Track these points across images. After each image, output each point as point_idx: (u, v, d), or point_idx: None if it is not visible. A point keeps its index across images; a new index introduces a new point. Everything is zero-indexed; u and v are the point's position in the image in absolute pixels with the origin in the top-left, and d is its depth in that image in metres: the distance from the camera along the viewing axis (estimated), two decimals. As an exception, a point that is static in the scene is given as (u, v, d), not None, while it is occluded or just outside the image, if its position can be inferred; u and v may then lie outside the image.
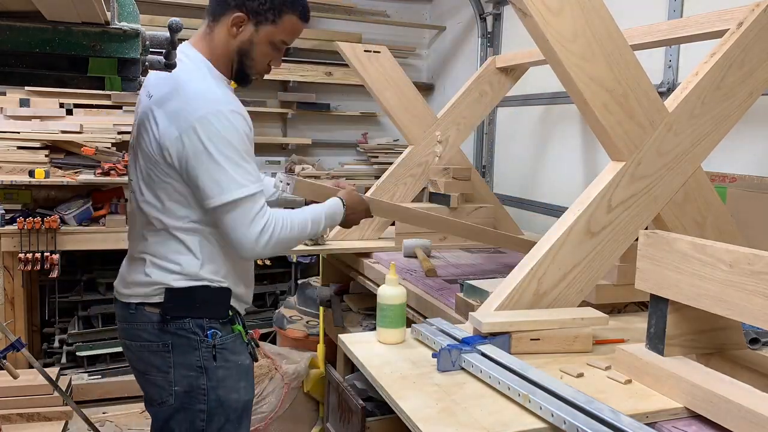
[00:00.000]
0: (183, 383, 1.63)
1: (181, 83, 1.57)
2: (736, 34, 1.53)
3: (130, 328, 1.68)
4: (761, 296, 1.06)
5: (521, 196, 3.55)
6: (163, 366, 1.64)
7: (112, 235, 3.41)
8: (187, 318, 1.62)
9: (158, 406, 1.67)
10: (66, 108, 3.72)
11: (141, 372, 1.70)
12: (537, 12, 1.36)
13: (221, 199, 1.52)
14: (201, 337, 1.63)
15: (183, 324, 1.62)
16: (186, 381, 1.63)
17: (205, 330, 1.63)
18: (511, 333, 1.38)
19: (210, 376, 1.63)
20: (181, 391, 1.64)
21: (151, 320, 1.64)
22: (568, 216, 1.52)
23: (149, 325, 1.64)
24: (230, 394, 1.67)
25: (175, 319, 1.62)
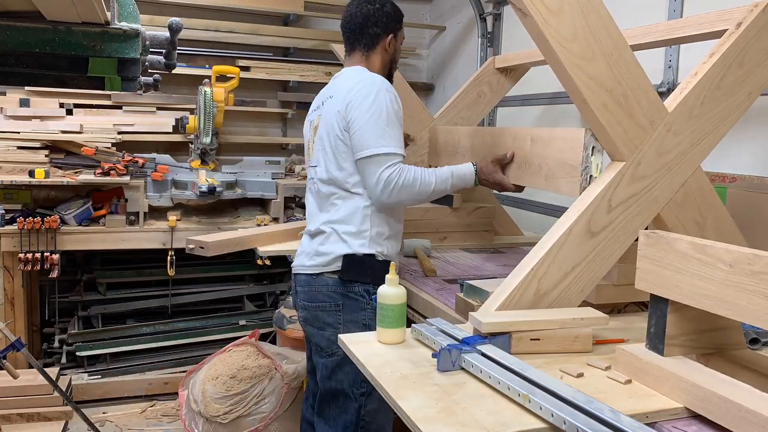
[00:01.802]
0: None
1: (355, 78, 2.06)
2: (735, 34, 1.53)
3: (309, 291, 2.08)
4: (761, 296, 1.06)
5: (521, 196, 3.54)
6: (335, 323, 2.04)
7: (112, 235, 3.41)
8: (357, 283, 2.02)
9: (328, 357, 2.05)
10: (66, 108, 3.72)
11: (317, 328, 2.08)
12: (536, 12, 1.36)
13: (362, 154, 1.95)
14: (367, 300, 2.02)
15: (353, 287, 2.02)
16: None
17: (371, 294, 1.98)
18: (511, 333, 1.38)
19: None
20: None
21: (327, 284, 2.04)
22: (568, 216, 1.52)
23: (325, 289, 2.05)
24: None
25: (348, 282, 2.02)
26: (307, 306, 2.10)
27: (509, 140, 2.06)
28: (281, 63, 4.27)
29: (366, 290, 2.02)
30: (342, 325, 2.03)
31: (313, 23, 4.53)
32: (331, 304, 2.04)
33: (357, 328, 2.01)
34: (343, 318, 2.04)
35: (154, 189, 3.61)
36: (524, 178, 1.97)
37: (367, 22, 2.12)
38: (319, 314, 2.07)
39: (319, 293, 2.06)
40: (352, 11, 2.15)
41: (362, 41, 2.14)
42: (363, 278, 2.01)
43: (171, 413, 3.40)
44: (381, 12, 2.13)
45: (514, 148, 2.03)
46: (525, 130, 1.98)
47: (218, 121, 3.71)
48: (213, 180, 3.57)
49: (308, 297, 2.09)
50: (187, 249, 2.55)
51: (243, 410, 2.82)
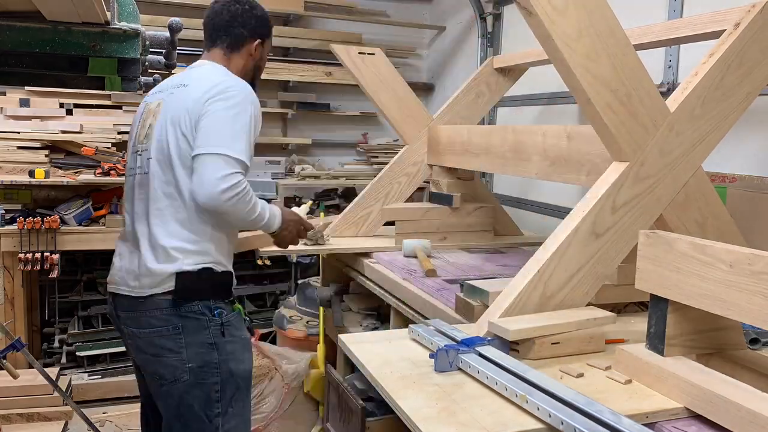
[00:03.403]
0: (196, 360, 1.79)
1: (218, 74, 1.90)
2: (734, 34, 1.53)
3: (138, 317, 1.82)
4: (761, 296, 1.06)
5: (520, 197, 3.55)
6: (176, 347, 1.79)
7: (112, 235, 3.38)
8: (196, 301, 1.79)
9: (171, 384, 1.81)
10: (66, 108, 3.72)
11: (152, 355, 1.83)
12: (542, 11, 1.36)
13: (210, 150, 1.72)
14: (209, 317, 1.81)
15: (191, 307, 1.79)
16: (199, 357, 1.80)
17: (213, 310, 1.82)
18: (534, 339, 1.38)
19: (220, 350, 1.82)
20: (195, 366, 1.79)
21: (159, 306, 1.79)
22: (573, 217, 1.51)
23: (157, 312, 1.79)
24: (239, 365, 1.86)
25: (187, 302, 1.78)
26: (137, 333, 1.84)
27: (539, 138, 2.05)
28: (281, 63, 4.27)
29: (207, 307, 1.81)
30: (185, 349, 1.79)
31: (313, 23, 4.53)
32: (168, 327, 1.80)
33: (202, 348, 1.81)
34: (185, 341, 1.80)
35: (154, 189, 3.60)
36: (559, 175, 1.96)
37: (234, 22, 2.00)
38: (154, 339, 1.81)
39: (151, 317, 1.80)
40: (217, 8, 2.03)
41: (225, 40, 2.00)
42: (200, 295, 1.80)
43: (171, 413, 3.40)
44: (250, 14, 2.01)
45: (545, 146, 2.02)
46: (559, 127, 1.97)
47: (218, 121, 3.70)
48: (213, 180, 3.56)
49: (136, 323, 1.83)
50: None
51: (243, 410, 2.82)
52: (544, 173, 2.03)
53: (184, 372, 1.79)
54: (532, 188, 3.46)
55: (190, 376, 1.79)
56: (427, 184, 3.00)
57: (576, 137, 1.88)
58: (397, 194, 2.81)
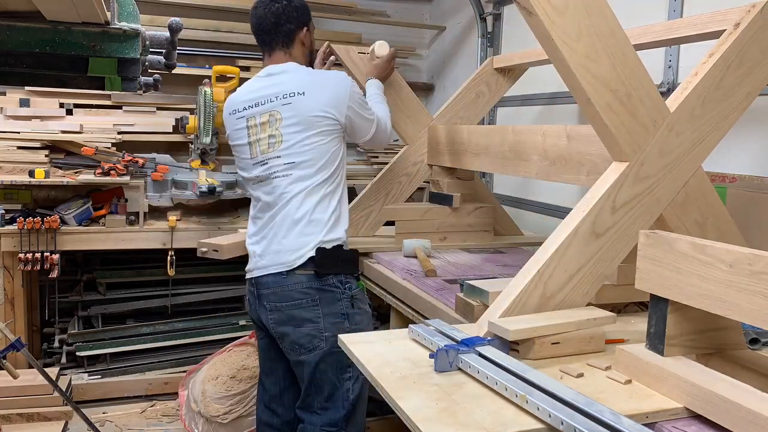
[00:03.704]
0: (331, 329, 2.05)
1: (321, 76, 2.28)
2: (734, 34, 1.53)
3: (280, 291, 2.10)
4: (761, 296, 1.06)
5: (520, 197, 3.55)
6: (314, 317, 2.07)
7: (112, 235, 3.40)
8: (330, 275, 2.08)
9: (309, 353, 2.08)
10: (66, 108, 3.72)
11: (293, 326, 2.09)
12: (542, 11, 1.36)
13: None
14: (341, 290, 2.10)
15: (328, 280, 2.08)
16: (334, 327, 2.06)
17: (344, 284, 2.11)
18: (534, 339, 1.38)
19: (350, 320, 2.11)
20: (330, 335, 2.04)
21: (300, 281, 2.07)
22: (572, 217, 1.51)
23: (298, 286, 2.07)
24: (366, 329, 2.16)
25: (321, 276, 2.07)
26: (279, 306, 2.12)
27: (539, 138, 2.05)
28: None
29: (339, 281, 2.10)
30: (321, 318, 2.08)
31: (313, 23, 4.52)
32: (307, 299, 2.08)
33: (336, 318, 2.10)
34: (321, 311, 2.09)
35: (154, 189, 3.61)
36: (559, 175, 1.96)
37: (280, 20, 2.17)
38: (294, 312, 2.09)
39: (293, 291, 2.09)
40: (260, 14, 2.19)
41: (279, 40, 2.19)
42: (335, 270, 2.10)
43: (171, 413, 3.40)
44: (290, 7, 2.18)
45: (545, 146, 2.03)
46: (559, 127, 1.98)
47: (218, 121, 3.70)
48: (213, 180, 3.57)
49: (279, 297, 2.11)
50: (200, 252, 2.54)
51: (243, 410, 2.83)
52: (544, 173, 2.03)
53: (321, 340, 2.06)
54: (532, 188, 3.46)
55: (327, 344, 2.05)
56: (427, 184, 3.01)
57: (576, 137, 1.89)
58: (397, 194, 2.81)
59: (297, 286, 2.07)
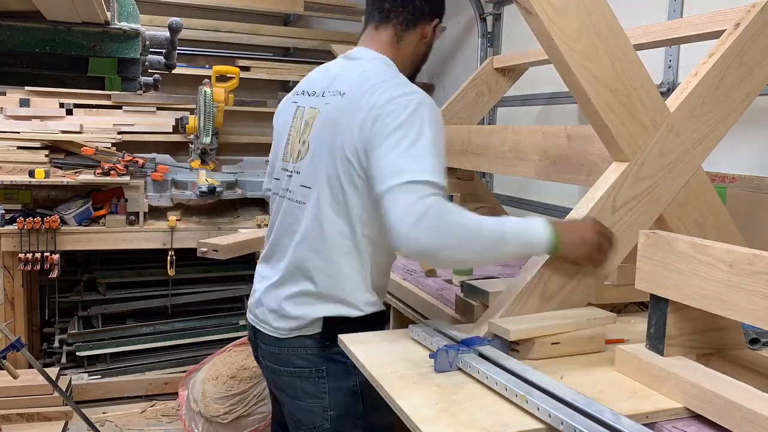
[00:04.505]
0: (339, 408, 1.58)
1: (377, 78, 1.51)
2: (734, 35, 1.53)
3: (279, 354, 1.61)
4: (761, 296, 1.06)
5: (520, 197, 3.55)
6: (317, 392, 1.58)
7: (112, 235, 3.41)
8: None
9: (310, 431, 1.62)
10: (66, 108, 3.72)
11: (291, 397, 1.64)
12: (542, 11, 1.36)
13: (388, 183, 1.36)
14: None
15: (340, 348, 1.49)
16: (342, 406, 1.58)
17: None
18: (534, 339, 1.38)
19: (366, 401, 1.58)
20: (336, 415, 1.59)
21: (304, 345, 1.57)
22: (573, 217, 1.51)
23: (301, 351, 1.58)
24: (383, 419, 1.57)
25: (334, 344, 1.51)
26: (276, 369, 1.65)
27: (539, 138, 2.05)
28: (281, 63, 4.27)
29: None
30: (327, 395, 1.59)
31: (313, 23, 4.53)
32: (311, 369, 1.59)
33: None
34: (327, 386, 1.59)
35: (154, 189, 3.61)
36: (559, 175, 1.96)
37: None
38: (295, 381, 1.62)
39: (294, 356, 1.60)
40: None
41: (401, 14, 1.59)
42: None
43: (171, 413, 3.40)
44: None
45: (545, 146, 2.00)
46: (559, 127, 1.97)
47: (218, 121, 3.71)
48: (213, 180, 3.57)
49: (276, 358, 1.63)
50: (200, 252, 2.53)
51: (243, 410, 2.83)
52: (544, 173, 2.03)
53: (325, 420, 1.59)
54: (532, 188, 3.46)
55: (332, 425, 1.59)
56: (427, 184, 3.00)
57: (576, 137, 1.88)
58: (397, 194, 2.80)
59: (299, 350, 1.58)
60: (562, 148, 1.95)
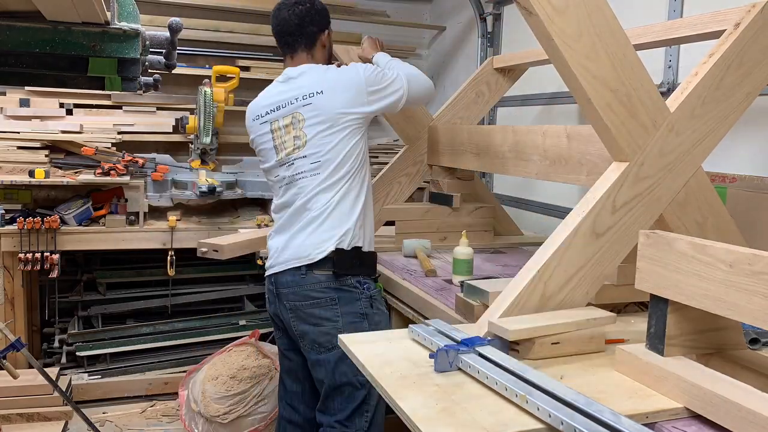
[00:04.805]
0: (350, 328, 2.03)
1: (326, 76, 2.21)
2: (734, 35, 1.53)
3: (299, 291, 2.10)
4: (761, 296, 1.06)
5: (520, 196, 3.55)
6: (332, 316, 2.07)
7: (112, 235, 3.41)
8: (349, 276, 2.08)
9: (328, 351, 2.08)
10: (66, 108, 3.72)
11: (313, 325, 2.10)
12: (542, 10, 1.36)
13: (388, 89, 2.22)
14: (360, 291, 2.09)
15: (346, 281, 2.08)
16: (352, 326, 2.05)
17: (362, 285, 2.10)
18: (534, 339, 1.38)
19: (369, 320, 2.10)
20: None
21: (319, 280, 2.07)
22: (573, 217, 1.51)
23: (317, 285, 2.07)
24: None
25: (340, 276, 2.07)
26: (298, 305, 2.12)
27: (539, 138, 2.05)
28: (281, 63, 4.24)
29: (358, 281, 2.10)
30: (340, 317, 2.08)
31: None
32: (326, 299, 2.08)
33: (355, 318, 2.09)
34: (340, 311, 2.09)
35: (154, 189, 3.61)
36: (559, 175, 1.97)
37: (303, 23, 2.20)
38: (314, 311, 2.09)
39: (311, 290, 2.09)
40: (283, 16, 2.21)
41: (302, 41, 2.22)
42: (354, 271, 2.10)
43: (171, 413, 3.40)
44: (313, 10, 2.22)
45: (545, 146, 2.04)
46: (559, 127, 1.98)
47: (218, 121, 3.71)
48: (213, 180, 3.57)
49: (298, 296, 2.12)
50: (200, 252, 2.54)
51: (243, 410, 2.83)
52: (544, 173, 2.03)
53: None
54: (532, 188, 3.46)
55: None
56: (427, 184, 3.00)
57: (576, 137, 1.89)
58: (397, 194, 2.81)
59: (316, 285, 2.08)
60: (562, 148, 1.95)
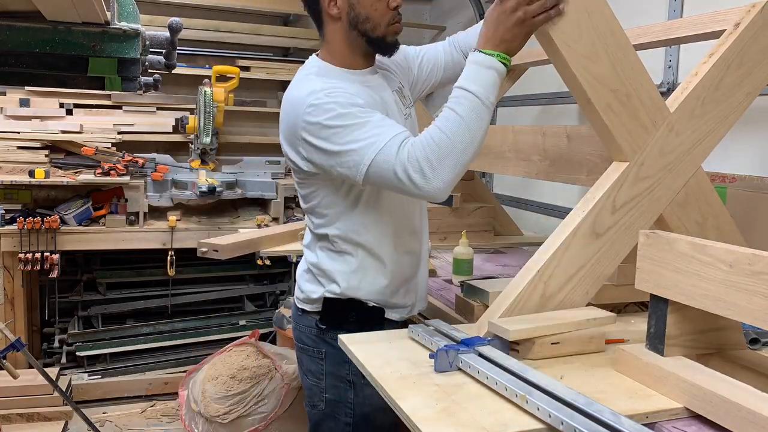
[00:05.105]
0: (333, 393, 1.67)
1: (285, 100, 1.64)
2: (734, 35, 1.53)
3: (296, 329, 1.76)
4: (761, 296, 1.06)
5: (520, 197, 3.55)
6: (317, 372, 1.69)
7: (112, 235, 3.41)
8: (343, 330, 1.55)
9: (311, 408, 1.74)
10: (66, 108, 3.72)
11: (302, 371, 1.77)
12: (542, 11, 1.36)
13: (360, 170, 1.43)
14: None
15: (337, 335, 1.55)
16: (335, 391, 1.67)
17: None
18: (534, 339, 1.38)
19: (357, 392, 1.65)
20: (331, 399, 1.68)
21: (310, 325, 1.69)
22: (572, 217, 1.51)
23: (308, 330, 1.70)
24: (377, 413, 1.63)
25: (332, 329, 1.63)
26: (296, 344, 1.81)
27: (539, 138, 2.05)
28: (281, 63, 4.27)
29: None
30: (324, 377, 1.68)
31: (313, 23, 4.53)
32: (314, 349, 1.70)
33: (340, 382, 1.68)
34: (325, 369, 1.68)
35: (154, 189, 3.62)
36: (558, 175, 1.96)
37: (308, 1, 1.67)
38: (302, 356, 1.76)
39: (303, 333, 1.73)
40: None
41: (315, 24, 1.71)
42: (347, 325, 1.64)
43: (171, 413, 3.40)
44: None
45: (545, 146, 2.00)
46: (559, 127, 1.97)
47: (218, 121, 3.71)
48: (213, 180, 3.57)
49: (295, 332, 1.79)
50: (200, 252, 2.53)
51: (243, 410, 2.83)
52: (544, 173, 2.03)
53: (321, 401, 1.70)
54: (532, 188, 3.46)
55: (327, 407, 1.69)
56: (427, 184, 3.00)
57: (576, 137, 1.88)
58: (397, 194, 2.81)
59: (308, 329, 1.70)
60: (562, 148, 1.95)
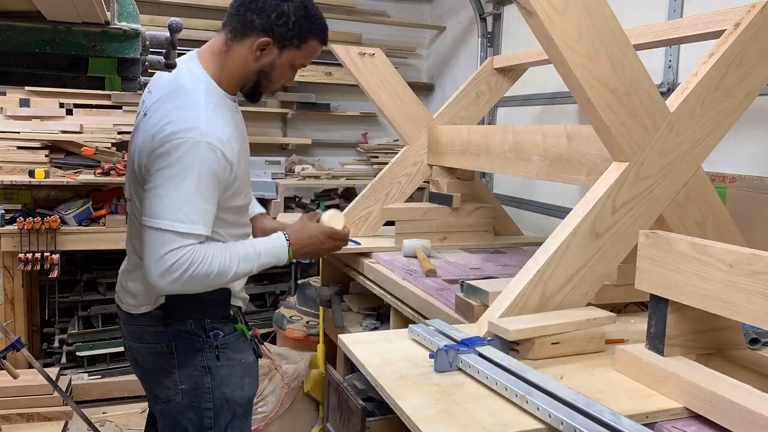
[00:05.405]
0: (188, 382, 1.69)
1: (173, 103, 1.58)
2: (734, 34, 1.53)
3: (134, 330, 1.74)
4: (761, 296, 1.06)
5: (520, 196, 3.55)
6: (168, 367, 1.69)
7: (112, 235, 3.41)
8: (189, 320, 1.67)
9: (165, 404, 1.72)
10: (66, 108, 3.72)
11: (148, 371, 1.76)
12: (542, 11, 1.36)
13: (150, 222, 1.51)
14: (204, 338, 1.68)
15: (185, 326, 1.67)
16: (191, 380, 1.69)
17: (208, 331, 1.69)
18: (534, 339, 1.38)
19: (214, 375, 1.69)
20: (188, 389, 1.69)
21: (154, 323, 1.69)
22: (573, 217, 1.51)
23: (152, 328, 1.69)
24: (235, 392, 1.72)
25: (177, 321, 1.67)
26: (134, 346, 1.76)
27: (539, 138, 2.05)
28: (281, 63, 4.26)
29: (201, 327, 1.68)
30: (177, 370, 1.69)
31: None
32: (162, 345, 1.69)
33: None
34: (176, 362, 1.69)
35: (154, 189, 3.61)
36: (559, 175, 1.96)
37: (252, 4, 1.60)
38: (148, 357, 1.73)
39: (144, 332, 1.71)
40: None
41: (233, 21, 1.62)
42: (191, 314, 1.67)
43: (171, 413, 3.40)
44: (276, 6, 1.61)
45: (545, 146, 2.01)
46: (559, 127, 1.97)
47: (218, 121, 3.70)
48: (213, 180, 3.56)
49: (132, 334, 1.75)
50: None
51: (243, 410, 2.82)
52: (544, 173, 2.03)
53: (177, 393, 1.70)
54: (532, 188, 3.46)
55: (183, 398, 1.69)
56: (427, 184, 3.00)
57: (576, 137, 1.88)
58: (397, 194, 2.81)
59: (150, 328, 1.69)
60: (562, 148, 1.95)
